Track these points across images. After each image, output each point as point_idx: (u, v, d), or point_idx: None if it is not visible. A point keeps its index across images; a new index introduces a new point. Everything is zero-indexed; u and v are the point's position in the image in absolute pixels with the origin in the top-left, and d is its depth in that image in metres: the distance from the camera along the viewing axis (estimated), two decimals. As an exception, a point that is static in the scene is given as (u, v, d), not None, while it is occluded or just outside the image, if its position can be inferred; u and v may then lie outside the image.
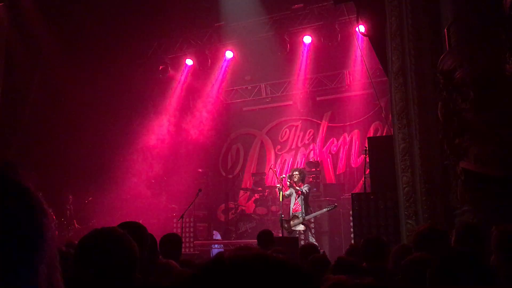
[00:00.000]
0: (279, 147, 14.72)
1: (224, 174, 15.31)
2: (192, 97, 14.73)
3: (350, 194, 9.21)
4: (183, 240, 11.25)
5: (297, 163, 14.21)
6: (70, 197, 12.64)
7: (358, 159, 13.14)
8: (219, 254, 0.81)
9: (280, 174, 13.09)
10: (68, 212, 12.46)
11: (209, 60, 13.32)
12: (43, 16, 12.08)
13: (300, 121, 14.49)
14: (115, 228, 1.81)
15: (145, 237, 2.55)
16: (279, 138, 14.72)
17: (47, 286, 1.56)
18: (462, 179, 5.02)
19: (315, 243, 9.14)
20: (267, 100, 14.91)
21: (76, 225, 12.23)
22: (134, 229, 2.40)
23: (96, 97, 12.98)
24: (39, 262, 1.56)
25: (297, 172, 10.33)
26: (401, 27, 6.47)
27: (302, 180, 10.29)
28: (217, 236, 12.97)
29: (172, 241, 4.09)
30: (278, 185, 10.34)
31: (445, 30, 5.47)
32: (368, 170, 8.49)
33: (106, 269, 1.66)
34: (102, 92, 13.06)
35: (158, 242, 3.70)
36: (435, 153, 5.98)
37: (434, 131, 5.89)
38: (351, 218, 9.23)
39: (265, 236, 5.17)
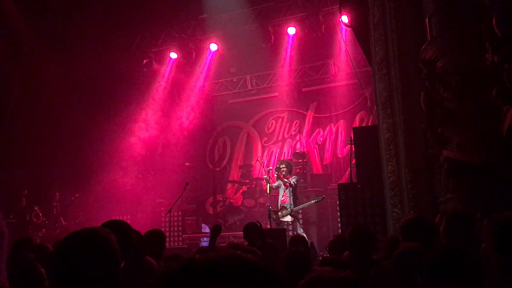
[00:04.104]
0: (265, 138, 14.74)
1: (211, 167, 15.30)
2: (177, 90, 14.66)
3: (337, 184, 9.27)
4: (172, 234, 11.30)
5: (284, 154, 14.26)
6: (57, 194, 12.54)
7: (344, 149, 13.22)
8: (191, 256, 0.83)
9: (267, 165, 13.14)
10: (54, 209, 12.36)
11: (194, 53, 13.25)
12: (23, 11, 11.89)
13: (286, 113, 14.52)
14: (96, 229, 1.78)
15: (130, 236, 2.50)
16: (266, 129, 14.74)
17: None
18: (446, 168, 5.09)
19: (303, 234, 9.21)
20: (253, 92, 14.89)
21: (63, 222, 12.14)
22: (118, 228, 2.37)
23: (80, 93, 12.85)
24: (3, 259, 1.55)
25: (284, 165, 10.37)
26: (384, 17, 6.50)
27: (289, 172, 10.33)
28: (205, 229, 12.99)
29: (155, 238, 4.08)
30: (265, 177, 10.38)
31: (427, 20, 5.51)
32: (354, 160, 8.55)
33: (85, 272, 1.64)
34: (86, 87, 12.92)
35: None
36: (419, 142, 6.05)
37: (418, 121, 5.95)
38: (338, 208, 9.32)
39: (251, 229, 5.20)
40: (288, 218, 9.86)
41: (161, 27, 13.32)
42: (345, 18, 8.21)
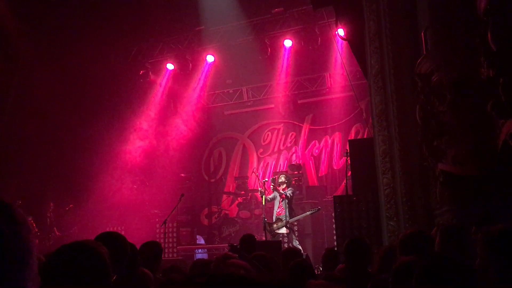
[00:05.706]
0: (261, 150, 14.74)
1: (206, 178, 15.27)
2: (174, 101, 14.66)
3: (332, 196, 9.25)
4: (166, 246, 11.21)
5: (280, 166, 14.25)
6: (51, 204, 12.44)
7: (340, 161, 13.24)
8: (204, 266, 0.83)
9: (263, 177, 13.13)
10: (48, 219, 12.25)
11: (190, 64, 13.28)
12: (21, 22, 11.90)
13: (282, 124, 14.55)
14: (86, 242, 1.77)
15: (124, 248, 2.49)
16: (261, 141, 14.75)
17: None
18: (441, 180, 5.10)
19: (298, 246, 9.18)
20: (249, 104, 14.92)
21: (57, 233, 12.03)
22: (113, 241, 2.36)
23: (76, 103, 12.84)
24: (28, 277, 1.53)
25: (283, 176, 10.43)
26: (380, 31, 6.55)
27: (288, 184, 10.35)
28: (200, 240, 12.92)
29: (152, 250, 4.06)
30: (260, 189, 10.38)
31: (422, 33, 5.55)
32: (350, 172, 8.56)
33: (75, 285, 1.62)
34: (82, 97, 12.92)
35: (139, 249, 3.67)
36: (414, 155, 6.05)
37: (413, 133, 5.97)
38: (333, 220, 9.30)
39: (247, 241, 5.18)
40: (284, 230, 9.84)
41: (158, 38, 13.36)
42: (341, 31, 8.27)
